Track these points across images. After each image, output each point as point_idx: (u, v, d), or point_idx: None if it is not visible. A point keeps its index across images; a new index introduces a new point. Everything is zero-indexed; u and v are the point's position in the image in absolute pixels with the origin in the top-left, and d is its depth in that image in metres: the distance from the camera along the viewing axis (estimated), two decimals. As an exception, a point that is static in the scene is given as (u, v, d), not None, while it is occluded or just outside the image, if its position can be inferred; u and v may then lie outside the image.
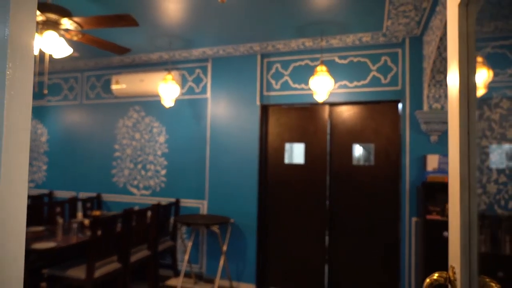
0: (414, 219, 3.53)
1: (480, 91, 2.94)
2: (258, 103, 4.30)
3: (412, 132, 3.61)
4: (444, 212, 3.06)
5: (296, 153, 4.29)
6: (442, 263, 2.66)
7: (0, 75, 0.63)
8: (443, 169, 3.33)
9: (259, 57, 4.31)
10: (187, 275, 4.44)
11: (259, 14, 3.26)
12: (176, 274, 4.45)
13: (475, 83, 0.84)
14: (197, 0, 2.99)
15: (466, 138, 0.85)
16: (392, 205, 3.84)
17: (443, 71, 3.13)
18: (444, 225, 2.99)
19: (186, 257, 4.13)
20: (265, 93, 4.35)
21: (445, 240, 2.92)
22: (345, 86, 4.03)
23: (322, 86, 3.50)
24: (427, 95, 3.43)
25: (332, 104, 4.15)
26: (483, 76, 2.90)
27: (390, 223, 3.84)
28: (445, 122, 3.43)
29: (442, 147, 3.47)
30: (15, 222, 0.63)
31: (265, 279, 4.28)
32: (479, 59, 2.86)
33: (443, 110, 3.40)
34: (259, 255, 4.24)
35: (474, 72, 0.85)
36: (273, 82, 4.33)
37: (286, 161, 4.31)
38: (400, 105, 3.85)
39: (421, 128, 3.56)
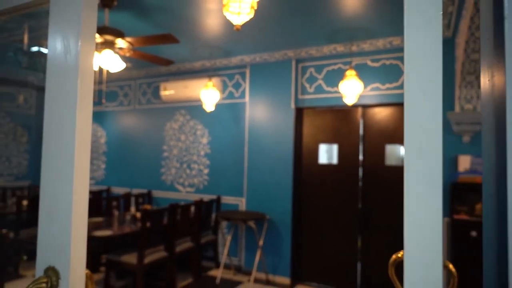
0: (445, 219, 3.55)
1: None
2: (293, 106, 4.53)
3: (444, 132, 3.64)
4: (473, 211, 3.08)
5: (329, 153, 4.46)
6: (469, 263, 2.71)
7: (73, 89, 0.92)
8: (475, 170, 3.34)
9: (293, 62, 4.54)
10: (227, 267, 4.77)
11: (290, 23, 3.50)
12: (217, 265, 4.80)
13: None
14: (232, 15, 3.30)
15: None
16: (425, 206, 3.87)
17: (473, 72, 3.15)
18: (472, 225, 3.02)
19: (226, 250, 4.47)
20: (299, 96, 4.56)
21: (473, 240, 2.95)
22: (377, 89, 4.13)
23: (351, 89, 3.66)
24: (458, 96, 3.45)
25: (364, 106, 4.26)
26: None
27: (422, 223, 3.88)
28: (478, 123, 3.43)
29: (474, 148, 3.47)
30: (82, 203, 0.94)
31: (299, 274, 4.49)
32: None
33: (475, 111, 3.40)
34: (293, 250, 4.47)
35: None
36: (307, 85, 4.53)
37: (320, 161, 4.49)
38: (433, 106, 3.87)
39: (452, 129, 3.57)
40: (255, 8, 1.65)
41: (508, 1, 0.43)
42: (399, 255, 1.15)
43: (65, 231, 0.84)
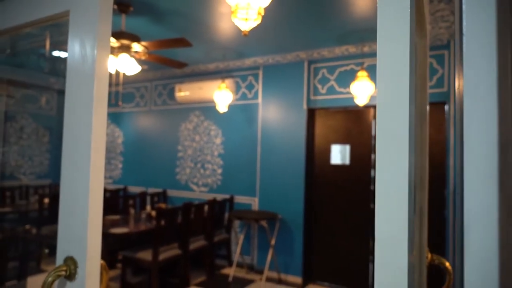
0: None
1: None
2: (305, 107, 4.57)
3: (457, 133, 3.61)
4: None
5: (342, 154, 4.47)
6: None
7: (89, 92, 1.01)
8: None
9: (306, 64, 4.58)
10: (240, 265, 4.85)
11: (302, 25, 3.54)
12: (231, 264, 4.87)
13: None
14: (244, 18, 3.37)
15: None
16: (438, 207, 3.86)
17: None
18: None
19: (238, 249, 4.54)
20: (312, 97, 4.60)
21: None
22: (389, 89, 4.12)
23: (363, 90, 3.67)
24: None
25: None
26: None
27: (435, 225, 3.86)
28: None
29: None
30: (97, 200, 1.02)
31: (311, 273, 4.52)
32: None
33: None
34: (305, 250, 4.50)
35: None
36: (319, 86, 4.56)
37: (332, 161, 4.51)
38: (446, 107, 3.85)
39: (466, 129, 3.54)
40: (262, 14, 1.71)
41: (466, 20, 0.47)
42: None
43: (83, 224, 0.92)
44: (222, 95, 4.39)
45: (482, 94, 0.47)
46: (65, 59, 1.10)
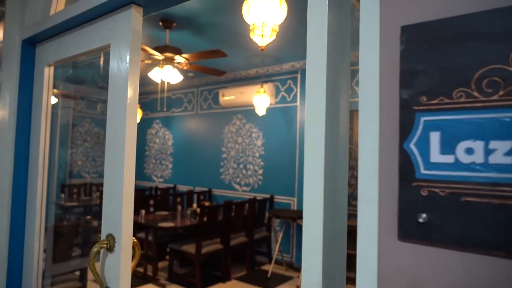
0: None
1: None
2: (342, 109, 4.64)
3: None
4: None
5: (379, 155, 4.49)
6: None
7: (123, 100, 1.27)
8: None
9: (343, 67, 4.65)
10: (279, 262, 5.03)
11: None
12: (271, 261, 5.08)
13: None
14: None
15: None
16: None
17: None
18: None
19: (277, 246, 4.73)
20: (349, 100, 4.66)
21: None
22: (428, 90, 4.08)
23: (397, 92, 3.70)
24: None
25: (415, 108, 4.23)
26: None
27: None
28: None
29: None
30: (130, 193, 1.28)
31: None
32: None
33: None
34: (343, 250, 4.57)
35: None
36: (357, 89, 4.61)
37: (370, 163, 4.54)
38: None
39: None
40: (277, 31, 1.90)
41: (360, 56, 0.64)
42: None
43: (118, 210, 1.19)
44: (261, 100, 4.62)
45: (370, 111, 0.64)
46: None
